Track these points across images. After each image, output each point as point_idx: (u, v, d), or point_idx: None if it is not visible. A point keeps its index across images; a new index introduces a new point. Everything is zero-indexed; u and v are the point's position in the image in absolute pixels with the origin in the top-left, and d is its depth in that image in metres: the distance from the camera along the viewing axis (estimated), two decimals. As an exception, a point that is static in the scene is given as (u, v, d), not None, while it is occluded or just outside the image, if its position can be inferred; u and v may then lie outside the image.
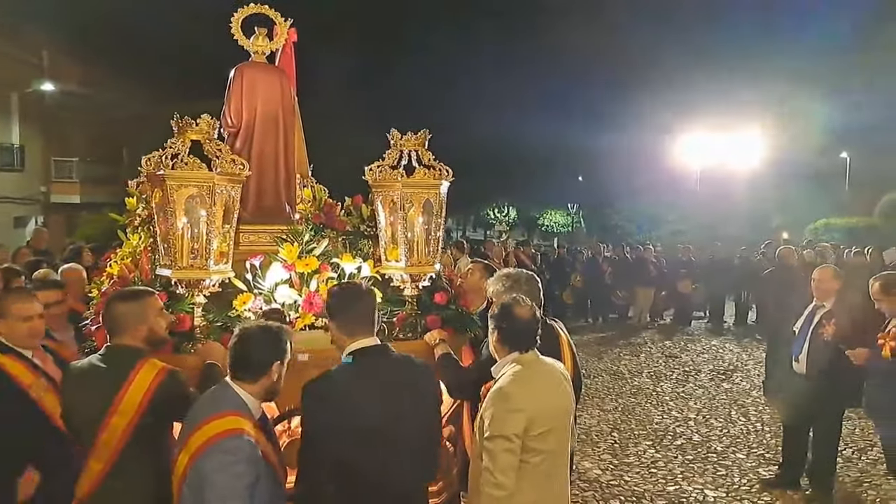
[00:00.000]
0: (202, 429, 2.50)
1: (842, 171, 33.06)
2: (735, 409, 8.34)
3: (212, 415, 2.53)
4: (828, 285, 5.71)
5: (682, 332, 14.16)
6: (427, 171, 3.90)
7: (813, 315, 5.74)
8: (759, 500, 5.73)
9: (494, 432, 2.85)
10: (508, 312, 3.05)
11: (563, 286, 14.99)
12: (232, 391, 2.64)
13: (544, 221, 36.27)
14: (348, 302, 2.94)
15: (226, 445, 2.45)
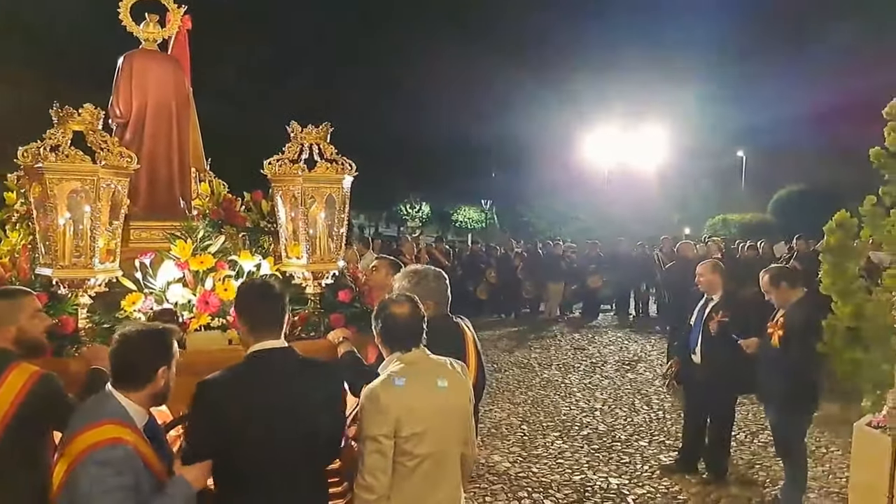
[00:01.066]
0: (78, 438, 2.35)
1: (738, 169, 34.77)
2: (639, 398, 8.61)
3: (88, 424, 2.38)
4: (708, 278, 5.98)
5: (589, 325, 14.57)
6: (329, 165, 3.81)
7: (704, 308, 5.99)
8: (660, 486, 5.92)
9: (363, 433, 2.77)
10: (385, 311, 2.97)
11: (478, 282, 15.12)
12: (114, 400, 2.47)
13: (458, 218, 36.36)
14: (254, 300, 2.78)
15: (99, 456, 2.30)
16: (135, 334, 2.52)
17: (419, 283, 3.55)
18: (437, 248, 14.82)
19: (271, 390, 2.62)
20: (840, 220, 5.14)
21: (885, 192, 4.93)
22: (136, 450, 2.39)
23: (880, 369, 4.87)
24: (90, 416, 2.42)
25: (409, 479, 2.80)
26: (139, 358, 2.49)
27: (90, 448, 2.31)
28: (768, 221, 24.93)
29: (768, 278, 5.46)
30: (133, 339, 2.50)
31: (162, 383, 2.54)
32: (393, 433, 2.75)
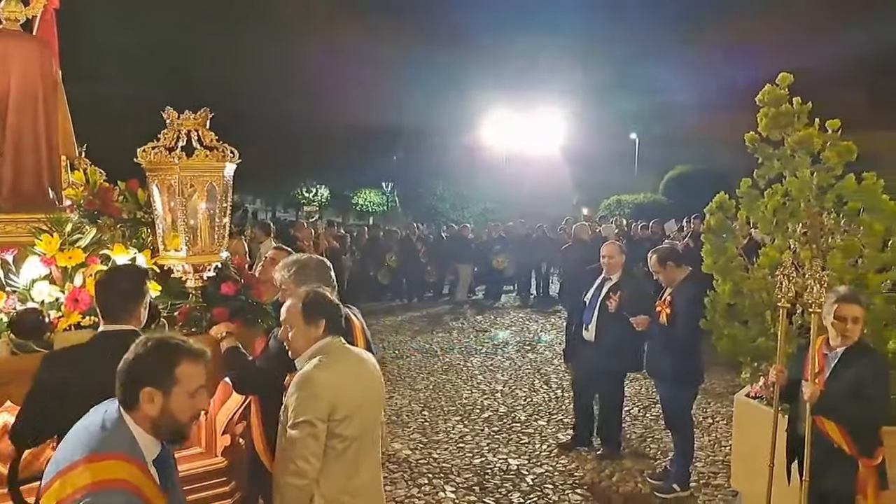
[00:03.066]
0: (76, 470, 2.03)
1: (632, 151, 36.02)
2: (538, 378, 8.78)
3: (91, 454, 2.06)
4: (616, 260, 6.13)
5: (492, 307, 14.76)
6: (209, 152, 3.61)
7: (601, 287, 6.14)
8: (558, 463, 6.06)
9: (298, 417, 2.79)
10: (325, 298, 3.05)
11: (378, 267, 15.01)
12: (125, 428, 2.17)
13: (359, 201, 35.86)
14: (104, 284, 2.90)
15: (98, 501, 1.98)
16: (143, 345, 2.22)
17: (299, 272, 3.43)
18: (330, 232, 14.55)
19: (103, 370, 2.53)
20: (719, 202, 5.36)
21: (759, 174, 5.17)
22: (140, 495, 2.06)
23: (757, 343, 5.14)
24: (94, 444, 2.09)
25: (338, 461, 2.88)
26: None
27: (88, 488, 1.98)
28: (660, 201, 25.90)
29: (656, 258, 5.63)
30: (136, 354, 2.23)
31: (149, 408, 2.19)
32: (327, 417, 2.82)
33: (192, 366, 2.16)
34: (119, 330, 2.85)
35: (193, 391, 2.15)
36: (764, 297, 5.01)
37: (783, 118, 4.95)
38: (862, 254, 4.71)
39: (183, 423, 2.17)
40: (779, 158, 5.06)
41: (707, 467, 5.99)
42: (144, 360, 2.14)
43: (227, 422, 3.83)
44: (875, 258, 4.68)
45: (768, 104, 5.02)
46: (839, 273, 4.63)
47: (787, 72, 5.10)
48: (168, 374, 2.12)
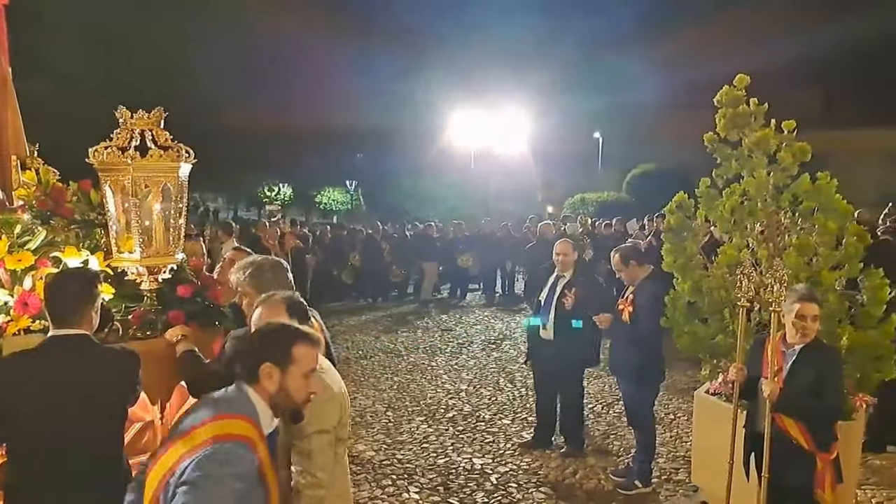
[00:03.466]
0: (206, 426, 2.22)
1: (595, 150, 36.36)
2: (503, 376, 8.80)
3: (218, 414, 2.26)
4: (570, 257, 6.16)
5: (458, 306, 14.76)
6: (163, 152, 3.53)
7: (556, 285, 6.16)
8: (522, 462, 6.08)
9: (317, 426, 2.70)
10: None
11: (342, 266, 14.90)
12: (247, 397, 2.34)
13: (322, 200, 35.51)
14: (53, 288, 2.87)
15: (223, 451, 2.16)
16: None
17: (255, 275, 3.37)
18: (293, 231, 14.38)
19: (54, 375, 2.74)
20: (679, 202, 5.43)
21: (717, 174, 5.25)
22: (257, 454, 2.23)
23: (716, 340, 5.21)
24: (221, 407, 2.30)
25: (338, 466, 2.89)
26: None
27: (214, 439, 2.17)
28: (623, 200, 26.18)
29: (619, 257, 5.67)
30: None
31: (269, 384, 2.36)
32: (337, 423, 2.82)
33: (307, 348, 2.35)
34: (69, 334, 2.81)
35: (307, 372, 2.34)
36: (723, 295, 5.09)
37: (740, 119, 5.03)
38: (816, 252, 4.80)
39: (297, 402, 2.35)
40: (737, 158, 5.14)
41: (669, 463, 6.06)
42: (266, 338, 2.36)
43: (184, 427, 3.75)
44: (829, 256, 4.78)
45: (726, 105, 5.10)
46: (795, 271, 4.71)
47: (745, 72, 5.18)
48: (286, 353, 2.30)
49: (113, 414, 2.89)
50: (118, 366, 2.89)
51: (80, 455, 2.74)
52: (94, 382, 2.80)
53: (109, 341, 3.34)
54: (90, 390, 2.78)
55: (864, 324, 4.77)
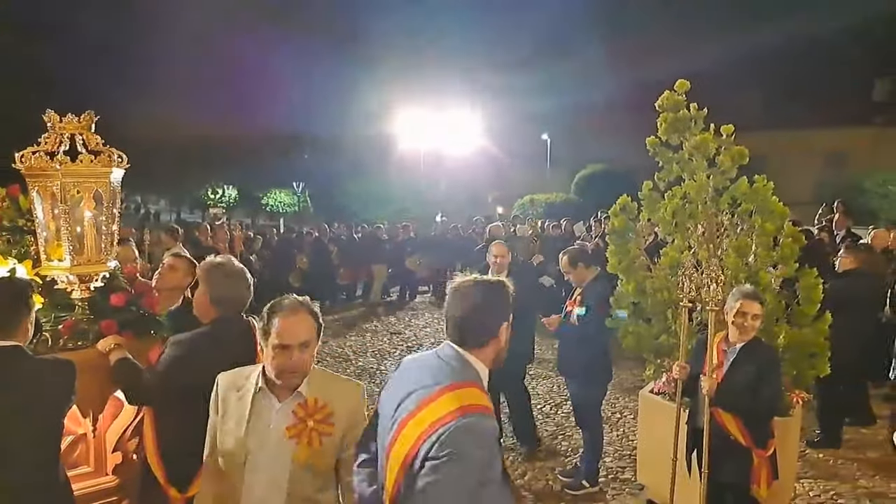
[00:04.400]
0: (447, 395, 2.14)
1: (544, 151, 36.77)
2: (452, 379, 8.76)
3: (454, 382, 2.18)
4: (507, 259, 6.11)
5: (407, 308, 14.68)
6: (94, 157, 3.39)
7: None
8: (471, 465, 6.05)
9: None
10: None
11: (289, 269, 14.67)
12: (471, 364, 2.29)
13: (269, 202, 34.92)
14: None
15: (473, 421, 2.09)
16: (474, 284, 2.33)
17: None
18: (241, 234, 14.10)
19: None
20: (622, 204, 5.50)
21: (659, 177, 5.33)
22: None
23: (660, 340, 5.30)
24: (453, 375, 2.21)
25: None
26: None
27: (461, 410, 2.09)
28: (572, 200, 26.51)
29: (567, 259, 5.70)
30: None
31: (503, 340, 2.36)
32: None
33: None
34: (2, 346, 2.68)
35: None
36: (665, 296, 5.17)
37: (681, 123, 5.12)
38: (754, 253, 4.92)
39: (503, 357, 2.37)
40: (678, 162, 5.23)
41: (615, 462, 6.13)
42: (498, 298, 2.31)
43: (118, 438, 3.62)
44: (766, 257, 4.90)
45: (667, 109, 5.18)
46: (734, 271, 4.82)
47: (688, 73, 5.28)
48: (509, 308, 2.33)
49: (49, 426, 2.77)
50: (53, 377, 2.78)
51: (16, 469, 2.63)
52: (29, 395, 2.69)
53: (38, 352, 3.20)
54: (24, 403, 2.67)
55: (800, 322, 4.91)
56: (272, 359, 2.47)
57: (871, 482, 5.67)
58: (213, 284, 3.21)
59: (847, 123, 27.32)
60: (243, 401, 2.56)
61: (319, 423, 2.51)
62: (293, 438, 2.49)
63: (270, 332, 2.46)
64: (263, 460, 2.51)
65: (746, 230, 4.97)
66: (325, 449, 2.52)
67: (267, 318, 2.49)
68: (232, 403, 2.58)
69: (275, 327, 2.45)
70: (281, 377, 2.49)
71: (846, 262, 6.54)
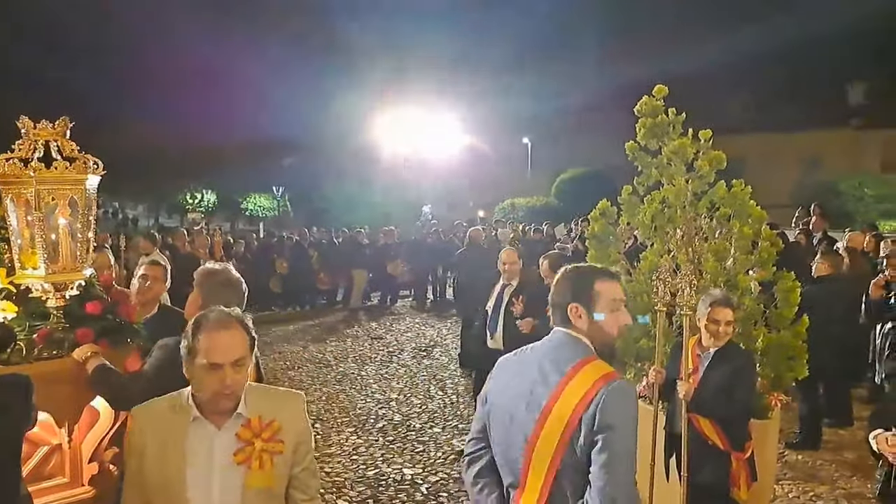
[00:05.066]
0: (587, 367, 2.25)
1: (524, 155, 36.91)
2: (434, 384, 8.77)
3: (584, 358, 2.29)
4: (516, 266, 6.16)
5: (388, 313, 14.63)
6: (69, 164, 3.34)
7: (502, 293, 6.15)
8: (453, 471, 6.03)
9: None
10: None
11: (270, 274, 14.59)
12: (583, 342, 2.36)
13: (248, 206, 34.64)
14: None
15: (622, 385, 2.23)
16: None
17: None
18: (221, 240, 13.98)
19: None
20: (602, 209, 5.52)
21: (639, 182, 5.37)
22: None
23: (640, 344, 5.31)
24: (577, 352, 2.31)
25: None
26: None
27: (604, 378, 2.21)
28: (552, 204, 26.63)
29: (548, 264, 5.73)
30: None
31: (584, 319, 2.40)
32: None
33: (608, 283, 2.38)
34: None
35: (614, 306, 2.35)
36: (645, 300, 5.18)
37: (659, 128, 5.16)
38: (733, 256, 4.96)
39: (613, 336, 2.36)
40: (656, 167, 5.27)
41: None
42: (567, 282, 2.41)
43: (94, 449, 3.56)
44: (745, 261, 4.94)
45: (646, 115, 5.22)
46: (713, 275, 4.86)
47: (670, 77, 5.35)
48: (588, 291, 2.34)
49: (7, 448, 2.67)
50: (5, 396, 2.67)
51: None
52: None
53: (13, 362, 3.15)
54: None
55: (778, 325, 4.95)
56: (202, 381, 2.22)
57: (849, 483, 5.73)
58: (207, 291, 3.17)
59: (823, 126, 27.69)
60: (174, 434, 2.26)
61: (268, 443, 2.28)
62: (242, 464, 2.25)
63: (197, 351, 2.21)
64: (212, 495, 2.24)
65: (725, 234, 5.02)
66: (278, 469, 2.31)
67: (192, 335, 2.24)
68: (159, 440, 2.26)
69: (202, 345, 2.20)
70: (215, 401, 2.24)
71: (822, 268, 6.62)
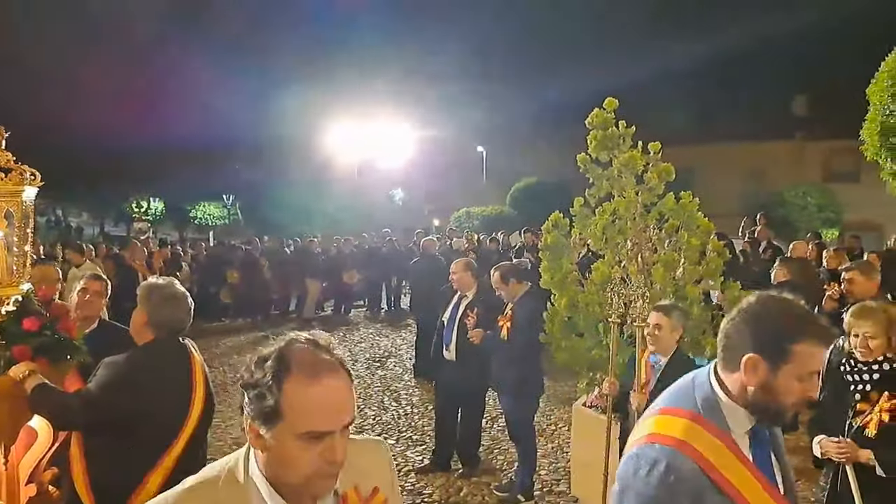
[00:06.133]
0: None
1: (480, 163, 37.06)
2: (388, 395, 8.70)
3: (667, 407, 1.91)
4: (461, 276, 6.12)
5: (342, 323, 14.50)
6: (5, 175, 3.22)
7: (458, 305, 6.12)
8: (406, 483, 5.98)
9: None
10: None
11: (220, 285, 14.32)
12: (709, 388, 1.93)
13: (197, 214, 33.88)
14: None
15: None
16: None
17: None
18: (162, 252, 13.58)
19: None
20: (555, 221, 5.58)
21: (590, 194, 5.43)
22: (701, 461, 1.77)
23: (593, 354, 5.37)
24: (678, 398, 1.94)
25: None
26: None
27: (650, 437, 1.84)
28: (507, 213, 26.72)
29: (499, 275, 5.72)
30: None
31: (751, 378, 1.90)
32: None
33: (815, 347, 1.82)
34: None
35: (806, 375, 1.83)
36: (597, 310, 5.25)
37: (610, 141, 5.23)
38: (682, 267, 5.05)
39: (784, 407, 1.85)
40: (607, 179, 5.34)
41: (550, 475, 6.16)
42: (762, 324, 1.84)
43: (32, 470, 3.42)
44: (693, 271, 5.04)
45: (596, 127, 5.29)
46: (662, 285, 4.94)
47: (623, 86, 5.43)
48: (782, 347, 1.80)
49: None
50: None
51: None
52: None
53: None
54: None
55: (726, 334, 5.05)
56: (295, 458, 1.45)
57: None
58: (152, 307, 3.10)
59: (769, 138, 28.49)
60: None
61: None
62: None
63: (286, 413, 1.43)
64: None
65: (673, 245, 5.11)
66: None
67: (272, 385, 1.44)
68: None
69: (296, 403, 1.43)
70: (313, 484, 1.49)
71: (780, 275, 6.79)
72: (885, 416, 3.08)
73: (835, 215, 24.20)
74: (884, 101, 10.95)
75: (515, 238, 15.37)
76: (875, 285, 5.47)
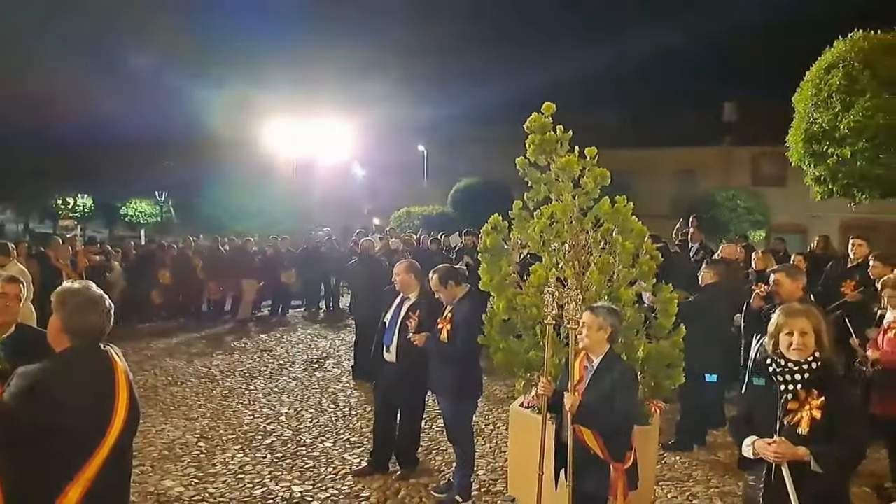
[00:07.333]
0: None
1: (420, 163, 37.05)
2: (325, 397, 8.60)
3: None
4: (404, 278, 6.08)
5: (279, 324, 14.26)
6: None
7: (401, 306, 6.08)
8: (344, 486, 5.93)
9: None
10: None
11: (150, 284, 13.89)
12: None
13: (128, 211, 32.75)
14: None
15: None
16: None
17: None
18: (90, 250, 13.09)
19: None
20: (494, 223, 5.60)
21: (529, 197, 5.48)
22: None
23: (530, 355, 5.42)
24: None
25: None
26: None
27: None
28: (448, 213, 26.78)
29: (437, 278, 5.70)
30: None
31: None
32: None
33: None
34: None
35: None
36: (534, 312, 5.30)
37: (548, 145, 5.29)
38: (616, 270, 5.15)
39: None
40: (545, 182, 5.39)
41: (488, 475, 6.20)
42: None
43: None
44: (627, 274, 5.14)
45: (535, 131, 5.34)
46: (597, 288, 5.02)
47: (554, 89, 5.48)
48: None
49: None
50: None
51: None
52: None
53: None
54: None
55: (657, 335, 5.18)
56: None
57: (722, 482, 6.05)
58: (67, 313, 2.95)
59: (699, 143, 29.39)
60: None
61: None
62: None
63: None
64: None
65: (608, 248, 5.20)
66: None
67: None
68: None
69: None
70: None
71: (707, 277, 6.98)
72: (817, 414, 3.17)
73: (763, 217, 25.12)
74: (808, 109, 11.47)
75: (455, 239, 15.39)
76: (801, 287, 5.70)
